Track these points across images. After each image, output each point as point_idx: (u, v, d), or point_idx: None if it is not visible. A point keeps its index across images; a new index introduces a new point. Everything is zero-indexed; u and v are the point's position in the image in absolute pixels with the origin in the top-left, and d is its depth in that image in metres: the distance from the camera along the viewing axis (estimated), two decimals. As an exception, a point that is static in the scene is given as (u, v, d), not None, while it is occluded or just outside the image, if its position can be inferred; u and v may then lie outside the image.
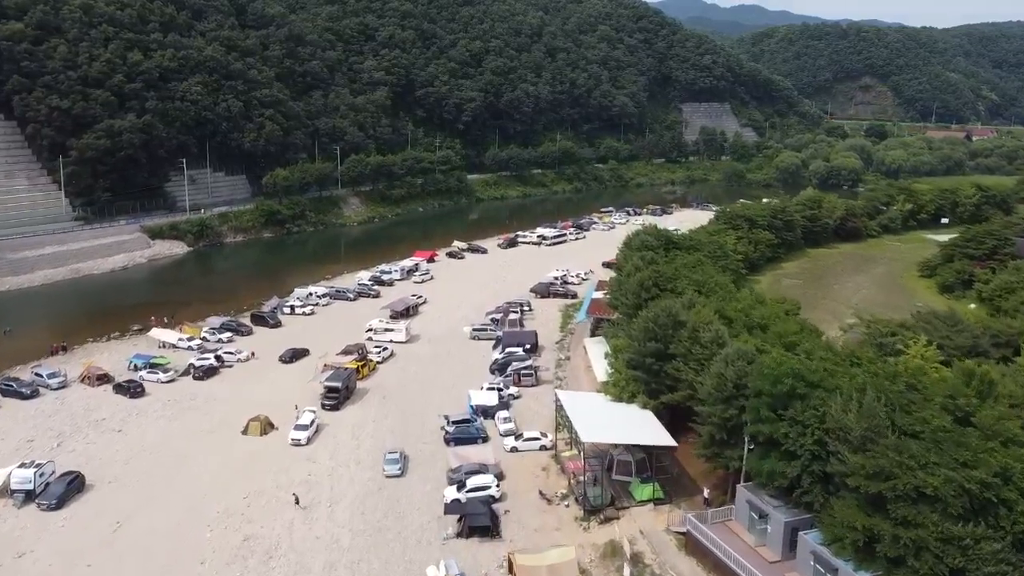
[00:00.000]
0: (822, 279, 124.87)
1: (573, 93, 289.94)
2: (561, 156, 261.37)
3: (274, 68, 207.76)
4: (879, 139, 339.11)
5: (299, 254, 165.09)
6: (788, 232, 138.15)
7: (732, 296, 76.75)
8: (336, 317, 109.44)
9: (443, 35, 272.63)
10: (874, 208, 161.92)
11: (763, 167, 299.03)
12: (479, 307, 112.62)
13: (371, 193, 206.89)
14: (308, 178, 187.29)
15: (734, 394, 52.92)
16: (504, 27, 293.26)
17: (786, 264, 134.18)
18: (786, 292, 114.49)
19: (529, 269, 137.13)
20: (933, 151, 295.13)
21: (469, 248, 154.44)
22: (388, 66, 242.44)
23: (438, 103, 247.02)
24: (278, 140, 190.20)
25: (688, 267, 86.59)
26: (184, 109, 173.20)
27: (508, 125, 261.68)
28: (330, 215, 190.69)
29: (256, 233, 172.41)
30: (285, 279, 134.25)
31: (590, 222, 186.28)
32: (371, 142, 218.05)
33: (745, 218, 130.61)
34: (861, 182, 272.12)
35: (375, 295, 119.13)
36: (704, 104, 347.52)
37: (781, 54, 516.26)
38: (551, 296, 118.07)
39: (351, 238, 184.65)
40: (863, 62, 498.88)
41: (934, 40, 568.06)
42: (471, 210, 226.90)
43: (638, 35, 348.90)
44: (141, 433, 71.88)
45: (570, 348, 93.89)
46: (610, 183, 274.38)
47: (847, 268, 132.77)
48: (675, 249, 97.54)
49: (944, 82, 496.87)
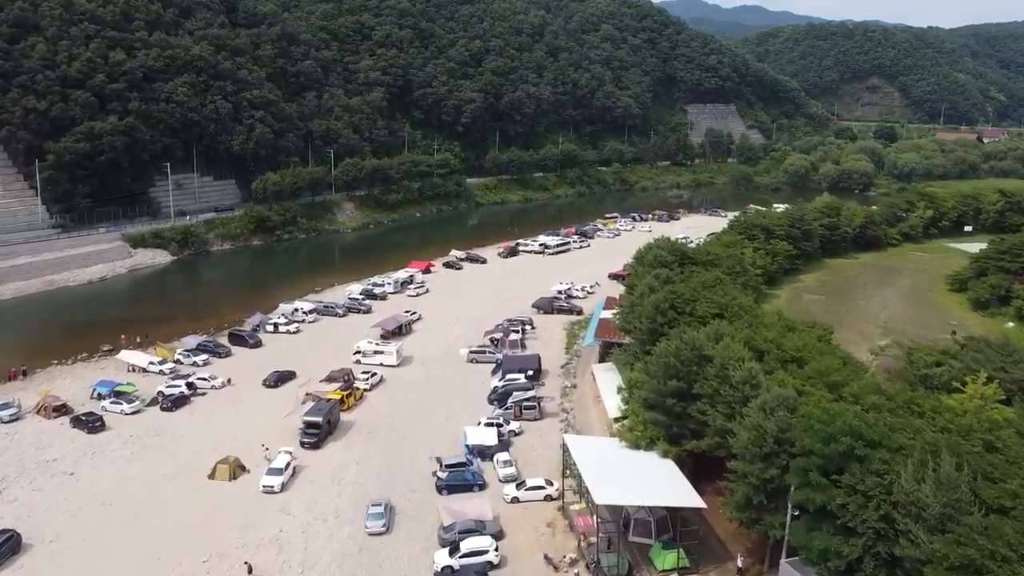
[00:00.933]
0: (845, 293, 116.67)
1: (576, 94, 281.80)
2: (563, 159, 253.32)
3: (265, 68, 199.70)
4: (889, 141, 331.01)
5: (289, 263, 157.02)
6: (806, 242, 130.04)
7: (759, 322, 68.58)
8: (323, 336, 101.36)
9: (442, 34, 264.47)
10: (894, 215, 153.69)
11: (771, 170, 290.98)
12: (478, 324, 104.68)
13: (366, 198, 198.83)
14: (300, 183, 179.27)
15: (775, 450, 44.84)
16: (504, 26, 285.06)
17: (805, 276, 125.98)
18: (808, 309, 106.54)
19: (531, 281, 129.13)
20: (946, 154, 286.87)
21: (467, 257, 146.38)
22: (385, 66, 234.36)
23: (436, 104, 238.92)
24: (269, 143, 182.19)
25: (707, 286, 78.47)
26: (169, 111, 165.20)
27: (509, 127, 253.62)
28: (323, 221, 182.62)
29: (245, 241, 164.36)
30: (272, 291, 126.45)
31: (594, 229, 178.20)
32: (367, 145, 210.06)
33: (761, 227, 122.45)
34: (873, 186, 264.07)
35: (366, 311, 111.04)
36: (710, 105, 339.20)
37: (786, 54, 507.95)
38: (555, 312, 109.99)
39: (345, 245, 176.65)
40: (870, 62, 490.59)
41: (941, 40, 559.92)
42: (470, 215, 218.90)
43: (642, 35, 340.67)
44: (95, 477, 63.81)
45: (577, 374, 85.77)
46: (614, 186, 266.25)
47: (870, 281, 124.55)
48: (691, 264, 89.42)
49: (952, 83, 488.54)
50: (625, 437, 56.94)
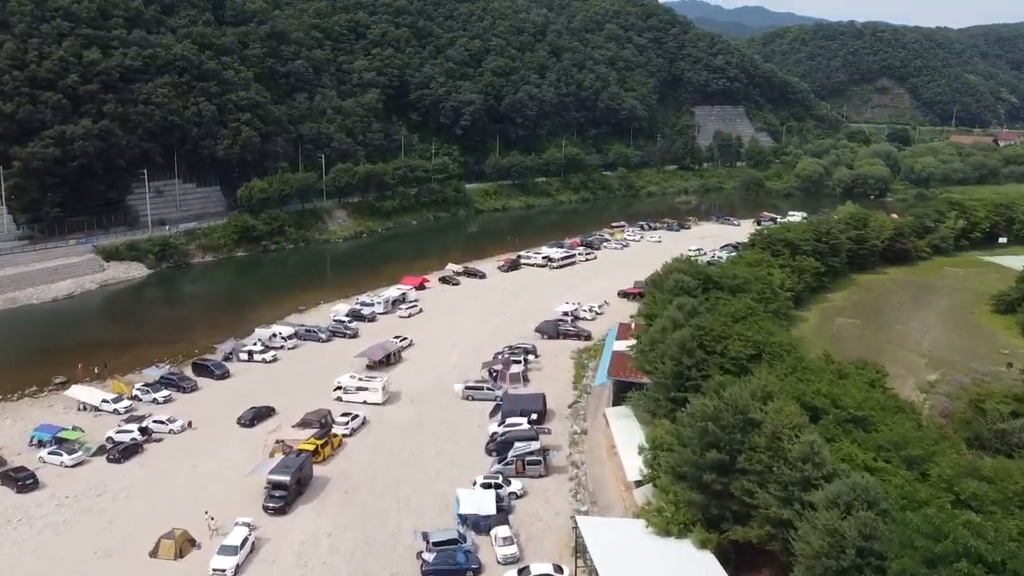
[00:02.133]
0: (879, 316, 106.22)
1: (579, 95, 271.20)
2: (567, 163, 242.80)
3: (253, 68, 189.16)
4: (903, 144, 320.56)
5: (275, 276, 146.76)
6: (834, 257, 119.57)
7: (805, 366, 58.24)
8: (302, 365, 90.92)
9: (440, 33, 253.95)
10: (923, 226, 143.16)
11: (782, 175, 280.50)
12: (475, 350, 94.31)
13: (359, 205, 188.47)
14: (288, 189, 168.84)
15: (857, 563, 34.35)
16: (505, 25, 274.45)
17: (833, 295, 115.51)
18: (841, 334, 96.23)
19: (533, 299, 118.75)
20: (964, 158, 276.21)
21: (465, 272, 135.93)
22: (380, 66, 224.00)
23: (434, 106, 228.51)
24: (256, 147, 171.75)
25: (738, 318, 68.11)
26: (148, 113, 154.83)
27: (510, 130, 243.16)
28: (313, 230, 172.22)
29: (228, 252, 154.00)
30: (253, 310, 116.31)
31: (601, 239, 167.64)
32: (360, 149, 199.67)
33: (785, 242, 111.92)
34: (889, 191, 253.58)
35: (352, 335, 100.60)
36: (717, 107, 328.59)
37: (793, 55, 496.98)
38: (560, 337, 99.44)
39: (336, 256, 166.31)
40: (879, 63, 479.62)
41: (950, 41, 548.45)
42: (469, 222, 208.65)
43: (647, 34, 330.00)
44: (13, 557, 53.37)
45: (587, 416, 75.24)
46: (619, 192, 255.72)
47: (905, 300, 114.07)
48: (715, 289, 79.03)
49: (964, 84, 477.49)
50: (653, 521, 46.41)
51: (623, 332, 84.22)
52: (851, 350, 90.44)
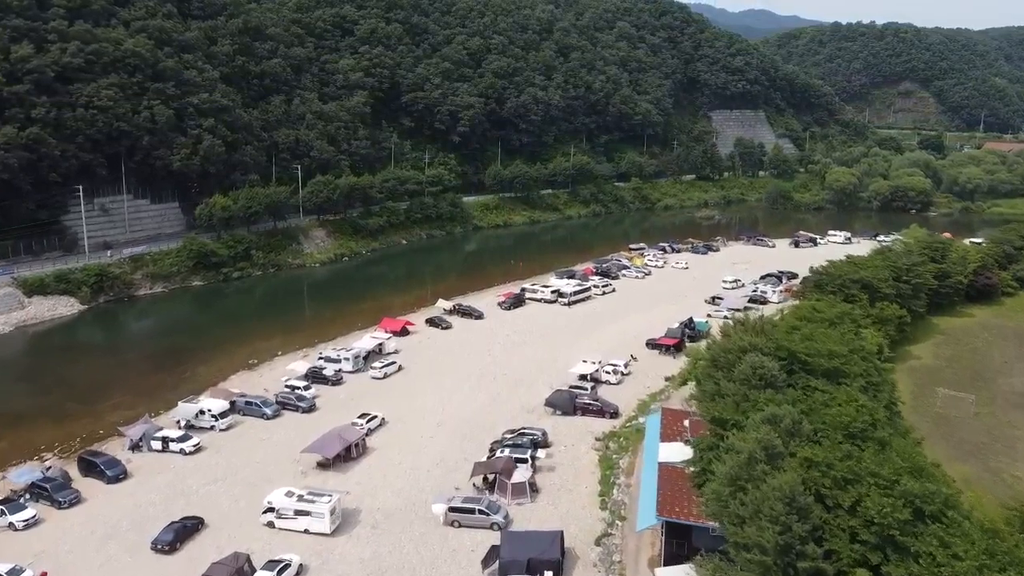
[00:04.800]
0: (984, 381, 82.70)
1: (589, 99, 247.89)
2: (576, 174, 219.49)
3: (221, 68, 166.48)
4: (936, 152, 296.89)
5: (234, 312, 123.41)
6: (915, 299, 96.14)
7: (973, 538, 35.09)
8: (233, 458, 67.48)
9: (436, 30, 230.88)
10: (1004, 255, 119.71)
11: (809, 185, 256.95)
12: (466, 434, 71.31)
13: (341, 223, 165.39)
14: (257, 206, 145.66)
15: None
16: (508, 21, 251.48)
17: (917, 349, 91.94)
18: (950, 414, 72.76)
19: (542, 351, 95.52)
20: (1010, 167, 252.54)
21: (458, 310, 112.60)
22: (368, 66, 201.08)
23: (428, 110, 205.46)
24: (220, 158, 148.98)
25: (856, 432, 44.99)
26: (89, 119, 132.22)
27: (512, 137, 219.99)
28: (285, 253, 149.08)
29: (182, 281, 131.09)
30: (195, 363, 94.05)
31: (618, 265, 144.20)
32: (344, 159, 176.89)
33: (861, 284, 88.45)
34: (932, 205, 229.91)
35: (306, 408, 77.31)
36: (736, 112, 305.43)
37: (810, 57, 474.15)
38: (578, 413, 75.99)
39: (311, 284, 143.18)
40: (902, 65, 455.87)
41: (973, 42, 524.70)
42: (467, 241, 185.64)
43: (661, 33, 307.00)
44: None
45: (625, 562, 51.72)
46: (633, 205, 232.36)
47: (1010, 357, 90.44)
48: (804, 372, 55.65)
49: (991, 87, 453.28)
50: None
51: (670, 423, 60.78)
52: (972, 441, 67.19)
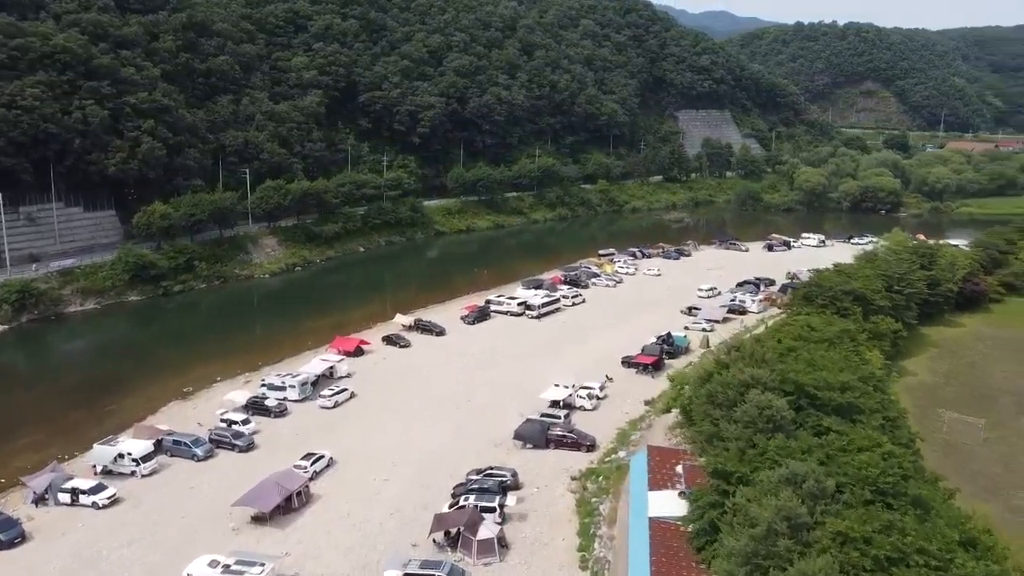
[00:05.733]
0: (987, 399, 76.55)
1: (554, 98, 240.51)
2: (541, 176, 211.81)
3: (163, 65, 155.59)
4: (902, 151, 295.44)
5: (174, 331, 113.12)
6: (907, 310, 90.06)
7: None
8: (153, 515, 57.95)
9: (394, 27, 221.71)
10: (991, 259, 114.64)
11: (778, 186, 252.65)
12: (425, 475, 63.07)
13: (294, 231, 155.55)
14: (200, 213, 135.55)
15: None
16: (470, 18, 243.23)
17: (912, 364, 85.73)
18: (957, 440, 66.35)
19: (509, 372, 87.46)
20: (976, 167, 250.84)
21: (418, 326, 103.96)
22: (323, 64, 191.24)
23: (387, 111, 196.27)
24: (160, 161, 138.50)
25: (884, 488, 37.68)
26: (12, 120, 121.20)
27: (476, 138, 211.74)
28: (232, 264, 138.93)
29: (118, 296, 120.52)
30: (123, 394, 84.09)
31: (588, 273, 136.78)
32: (297, 162, 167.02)
33: (854, 296, 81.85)
34: (902, 205, 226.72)
35: (244, 447, 68.21)
36: (702, 112, 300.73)
37: (774, 57, 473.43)
38: (550, 446, 67.99)
39: (261, 297, 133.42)
40: (864, 65, 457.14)
41: (933, 43, 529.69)
42: (429, 247, 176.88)
43: (626, 31, 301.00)
44: None
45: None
46: (600, 208, 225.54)
47: (1008, 372, 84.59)
48: (814, 409, 48.32)
49: (951, 87, 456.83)
50: None
51: (659, 465, 53.04)
52: (987, 474, 60.61)
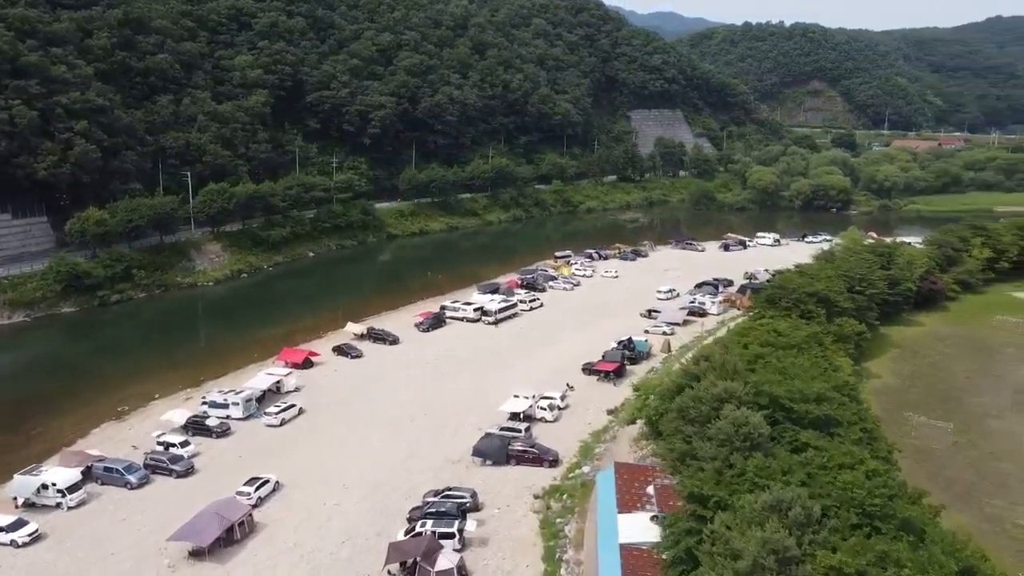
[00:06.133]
0: (952, 400, 75.63)
1: (507, 98, 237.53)
2: (495, 177, 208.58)
3: (98, 64, 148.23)
4: (850, 150, 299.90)
5: (108, 346, 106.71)
6: (868, 310, 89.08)
7: None
8: (79, 553, 52.91)
9: (342, 24, 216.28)
10: (946, 257, 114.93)
11: (730, 185, 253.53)
12: (378, 498, 59.29)
13: (239, 236, 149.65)
14: (139, 219, 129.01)
15: None
16: (421, 16, 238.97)
17: (875, 366, 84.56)
18: (927, 446, 65.08)
19: (465, 382, 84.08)
20: (922, 165, 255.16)
21: (370, 335, 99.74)
22: (269, 63, 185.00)
23: (336, 111, 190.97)
24: (95, 164, 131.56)
25: (870, 509, 35.28)
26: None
27: (428, 138, 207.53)
28: (174, 272, 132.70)
29: (49, 308, 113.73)
30: (51, 415, 78.09)
31: (545, 276, 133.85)
32: (242, 164, 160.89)
33: (817, 298, 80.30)
34: (852, 203, 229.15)
35: (182, 472, 63.46)
36: (655, 111, 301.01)
37: (723, 57, 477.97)
38: (511, 462, 64.70)
39: (205, 306, 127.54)
40: (811, 65, 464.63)
41: (875, 43, 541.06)
42: (381, 251, 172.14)
43: (578, 30, 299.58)
44: None
45: None
46: (555, 208, 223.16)
47: (970, 371, 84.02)
48: (790, 423, 45.90)
49: (894, 87, 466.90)
50: None
51: (627, 484, 50.05)
52: (960, 480, 59.22)
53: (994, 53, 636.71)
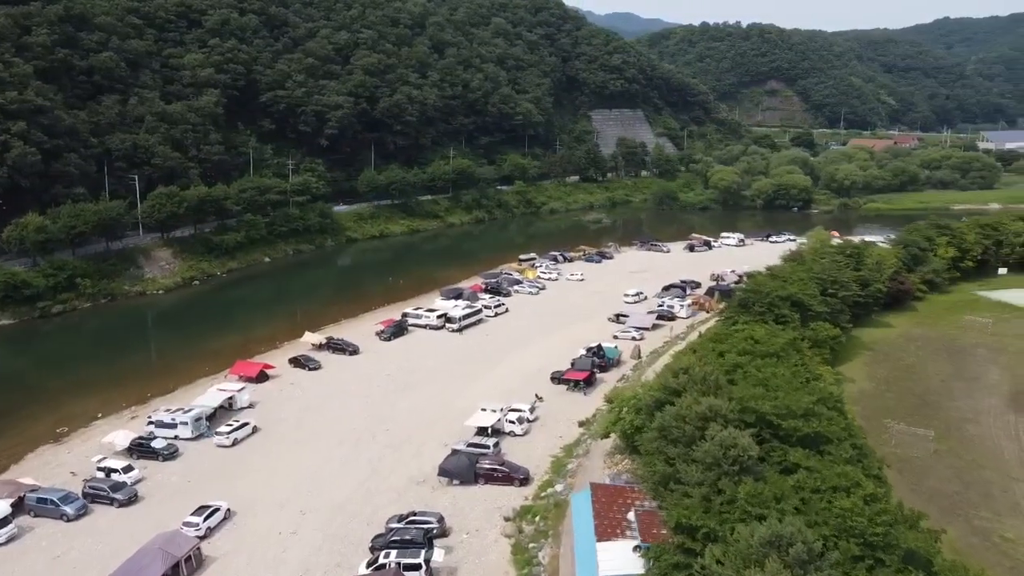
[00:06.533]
0: (929, 406, 74.06)
1: (467, 98, 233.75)
2: (456, 178, 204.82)
3: (38, 61, 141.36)
4: (808, 149, 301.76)
5: (49, 360, 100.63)
6: (840, 314, 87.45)
7: None
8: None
9: (297, 22, 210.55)
10: (912, 257, 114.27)
11: (692, 185, 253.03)
12: (340, 527, 55.57)
13: (191, 242, 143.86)
14: (83, 225, 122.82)
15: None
16: (378, 15, 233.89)
17: (845, 367, 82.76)
18: (907, 454, 63.42)
19: (430, 394, 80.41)
20: (880, 164, 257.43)
21: (329, 345, 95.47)
22: (220, 61, 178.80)
23: (292, 111, 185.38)
24: (35, 168, 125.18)
25: (866, 537, 32.60)
26: None
27: (387, 139, 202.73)
28: (121, 280, 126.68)
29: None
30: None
31: (510, 279, 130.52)
32: (194, 166, 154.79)
33: (792, 302, 78.24)
34: (813, 202, 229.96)
35: (124, 500, 58.71)
36: (616, 111, 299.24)
37: (681, 57, 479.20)
38: (480, 481, 61.19)
39: (155, 316, 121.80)
40: (768, 65, 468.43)
41: (830, 43, 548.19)
42: (340, 255, 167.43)
43: (538, 29, 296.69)
44: None
45: None
46: (518, 210, 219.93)
47: (944, 373, 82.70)
48: (777, 440, 43.19)
49: (849, 86, 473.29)
50: None
51: (605, 508, 46.89)
52: (945, 492, 57.40)
53: (943, 54, 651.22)
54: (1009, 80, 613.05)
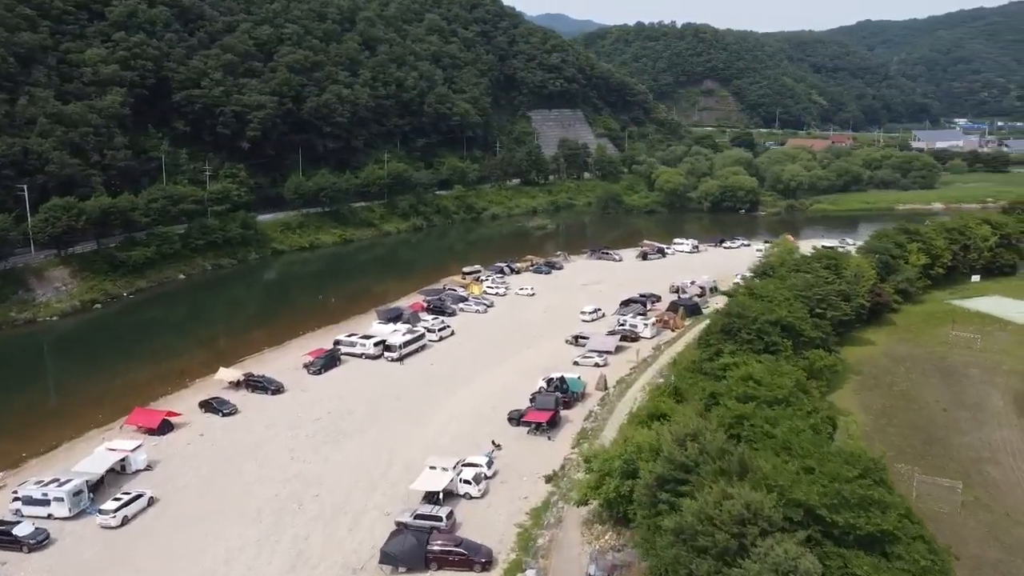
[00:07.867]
0: (938, 443, 65.58)
1: (401, 97, 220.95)
2: (392, 183, 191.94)
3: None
4: (749, 149, 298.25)
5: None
6: (821, 331, 78.64)
7: None
8: None
9: (214, 16, 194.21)
10: (883, 265, 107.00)
11: (636, 187, 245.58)
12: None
13: (92, 258, 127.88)
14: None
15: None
16: (303, 9, 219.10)
17: (836, 397, 73.84)
18: (935, 513, 54.36)
19: (368, 448, 68.20)
20: (823, 164, 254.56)
21: (248, 383, 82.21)
22: (126, 57, 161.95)
23: (208, 112, 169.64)
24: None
25: None
26: None
27: (316, 142, 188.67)
28: (7, 305, 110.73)
29: None
30: None
31: (454, 296, 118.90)
32: (96, 174, 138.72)
33: (770, 323, 68.84)
34: (760, 204, 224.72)
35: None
36: (555, 112, 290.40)
37: (617, 56, 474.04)
38: (432, 566, 49.43)
39: (47, 348, 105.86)
40: (703, 65, 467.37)
41: (762, 44, 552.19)
42: (266, 269, 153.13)
43: (474, 27, 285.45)
44: None
45: None
46: (458, 216, 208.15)
47: (945, 402, 74.55)
48: (832, 544, 32.85)
49: (782, 86, 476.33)
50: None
51: None
52: (990, 560, 48.34)
53: (867, 55, 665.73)
54: (930, 81, 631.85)
